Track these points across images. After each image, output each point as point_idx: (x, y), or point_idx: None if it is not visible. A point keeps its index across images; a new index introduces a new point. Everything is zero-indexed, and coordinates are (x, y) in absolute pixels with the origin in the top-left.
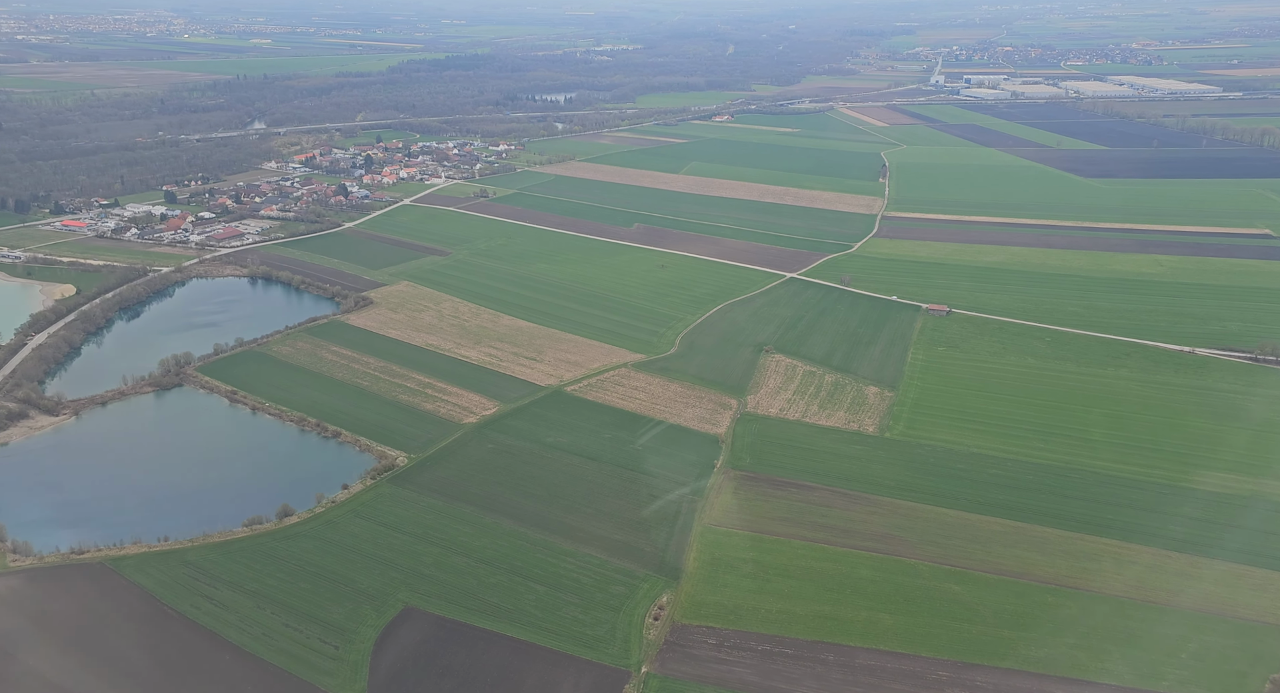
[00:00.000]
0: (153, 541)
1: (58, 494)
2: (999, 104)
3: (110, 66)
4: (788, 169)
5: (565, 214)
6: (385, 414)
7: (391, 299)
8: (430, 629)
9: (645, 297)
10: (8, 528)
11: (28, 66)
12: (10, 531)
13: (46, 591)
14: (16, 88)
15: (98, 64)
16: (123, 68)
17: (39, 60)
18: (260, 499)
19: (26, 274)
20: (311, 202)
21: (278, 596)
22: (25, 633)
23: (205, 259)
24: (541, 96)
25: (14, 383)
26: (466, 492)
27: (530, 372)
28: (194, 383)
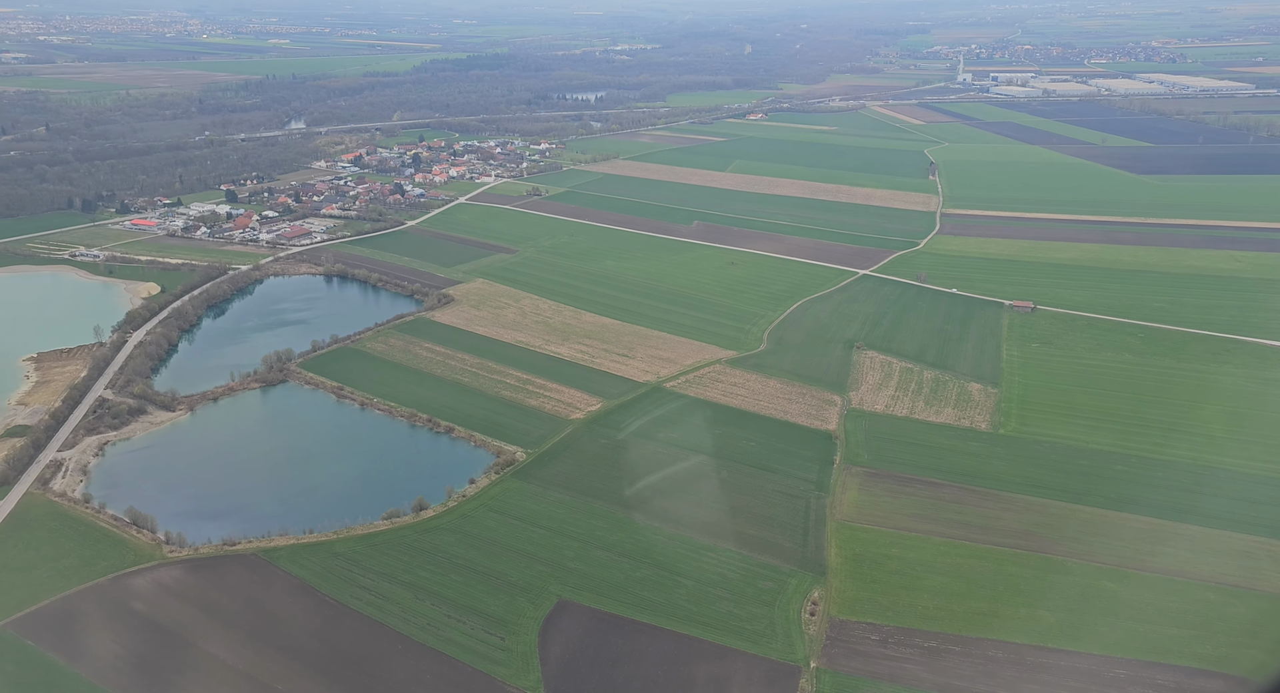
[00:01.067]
0: (299, 533)
1: (190, 487)
2: (1032, 102)
3: (137, 67)
4: (833, 167)
5: (621, 212)
6: (492, 410)
7: (471, 296)
8: (589, 622)
9: (721, 293)
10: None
11: (56, 67)
12: (157, 523)
13: (208, 581)
14: (51, 89)
15: (124, 65)
16: (150, 68)
17: (65, 61)
18: (389, 493)
19: (108, 273)
20: (369, 200)
21: (432, 587)
22: (200, 622)
23: (279, 257)
24: (572, 96)
25: (125, 379)
26: (591, 487)
27: (625, 368)
28: (297, 379)
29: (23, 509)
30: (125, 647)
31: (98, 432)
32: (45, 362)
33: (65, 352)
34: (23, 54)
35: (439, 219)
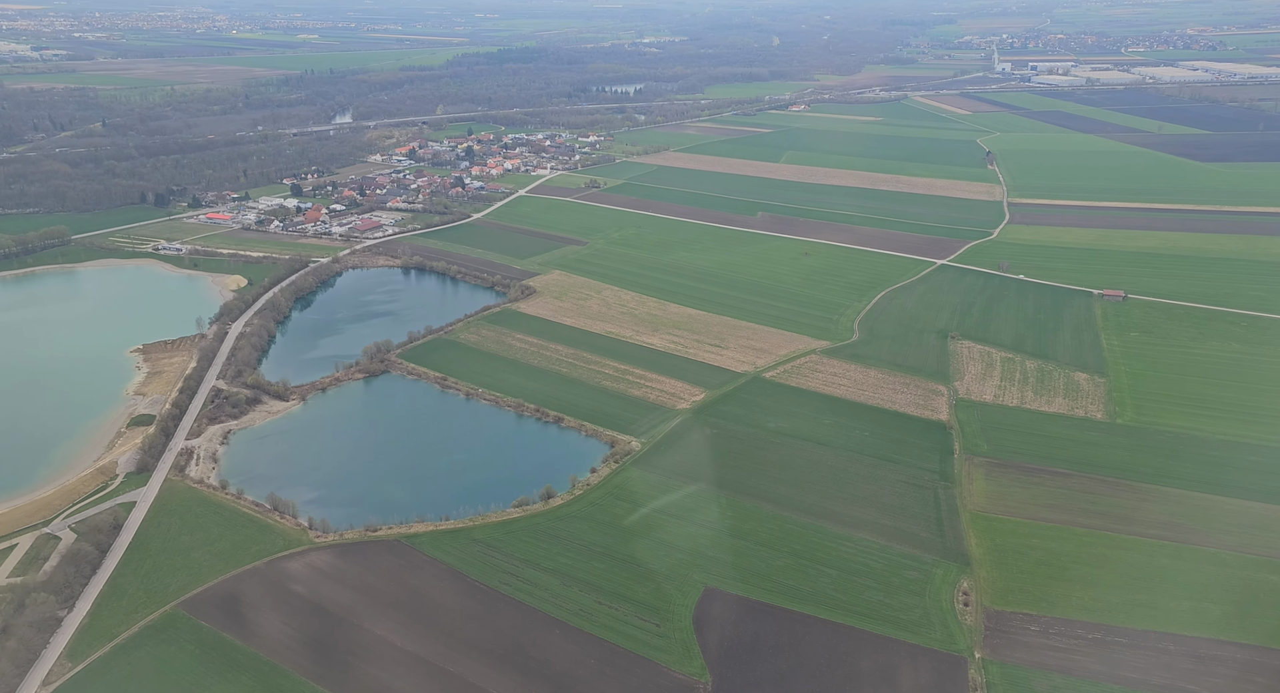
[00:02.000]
0: (435, 519)
1: (316, 475)
2: (1076, 91)
3: (175, 63)
4: (887, 157)
5: (682, 203)
6: (596, 400)
7: (552, 288)
8: (740, 610)
9: (800, 284)
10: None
11: (96, 63)
12: (297, 508)
13: (359, 565)
14: (98, 85)
15: (163, 61)
16: (189, 64)
17: (104, 57)
18: (510, 481)
19: (193, 266)
20: (431, 193)
21: (577, 574)
22: (360, 605)
23: (356, 250)
24: (610, 88)
25: (235, 370)
26: (713, 476)
27: (720, 358)
28: (398, 369)
29: (167, 495)
30: (295, 627)
31: (219, 421)
32: (152, 353)
33: (169, 343)
34: (62, 51)
35: (502, 212)
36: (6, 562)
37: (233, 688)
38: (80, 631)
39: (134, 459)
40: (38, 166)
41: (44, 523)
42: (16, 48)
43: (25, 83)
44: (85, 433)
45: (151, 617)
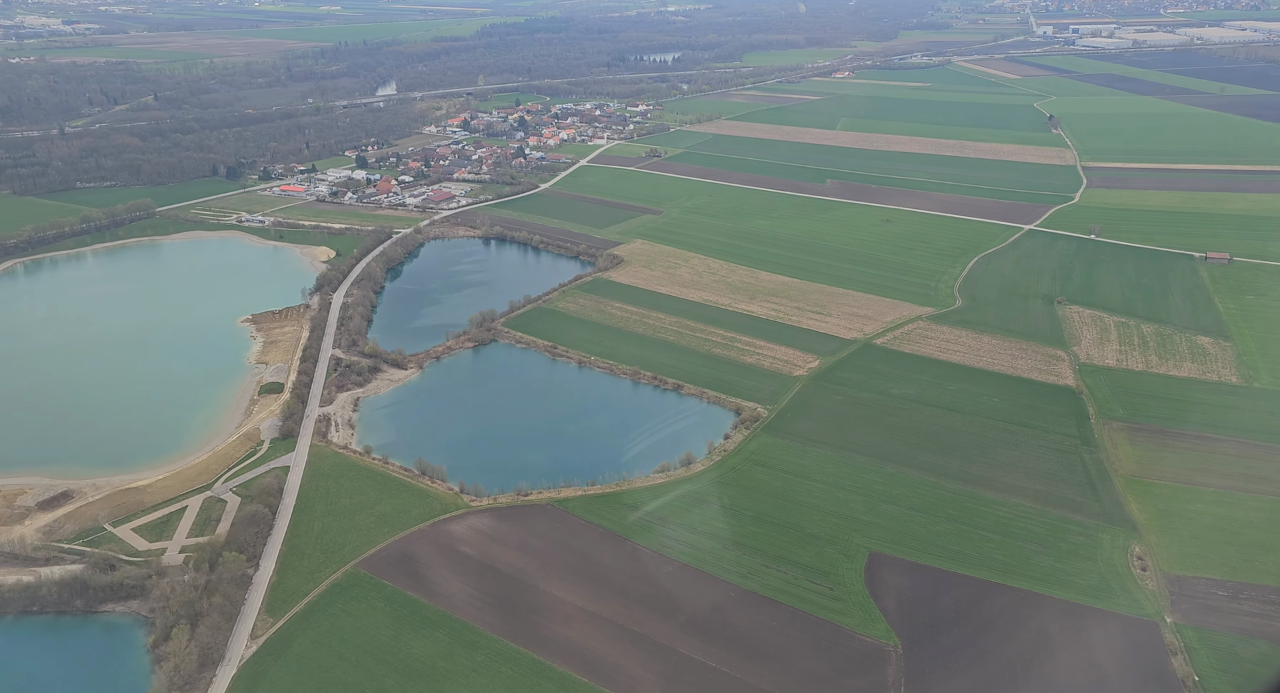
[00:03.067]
0: (581, 485)
1: (447, 439)
2: (1123, 53)
3: (207, 36)
4: (945, 123)
5: (746, 171)
6: (711, 367)
7: (638, 256)
8: (911, 575)
9: (888, 251)
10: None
11: (130, 38)
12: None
13: (519, 528)
14: (138, 59)
15: (194, 34)
16: (221, 38)
17: (137, 31)
18: (645, 448)
19: (278, 237)
20: (494, 164)
21: (736, 538)
22: (530, 566)
23: (434, 221)
24: (647, 57)
25: (349, 339)
26: (848, 442)
27: (825, 325)
28: (506, 338)
29: (316, 460)
30: (473, 587)
31: (346, 389)
32: (262, 323)
33: (276, 313)
34: (95, 25)
35: (568, 181)
36: (181, 523)
37: (429, 644)
38: (272, 588)
39: (275, 426)
40: (109, 140)
41: (206, 487)
42: (48, 22)
43: (67, 57)
44: (220, 400)
45: (335, 576)
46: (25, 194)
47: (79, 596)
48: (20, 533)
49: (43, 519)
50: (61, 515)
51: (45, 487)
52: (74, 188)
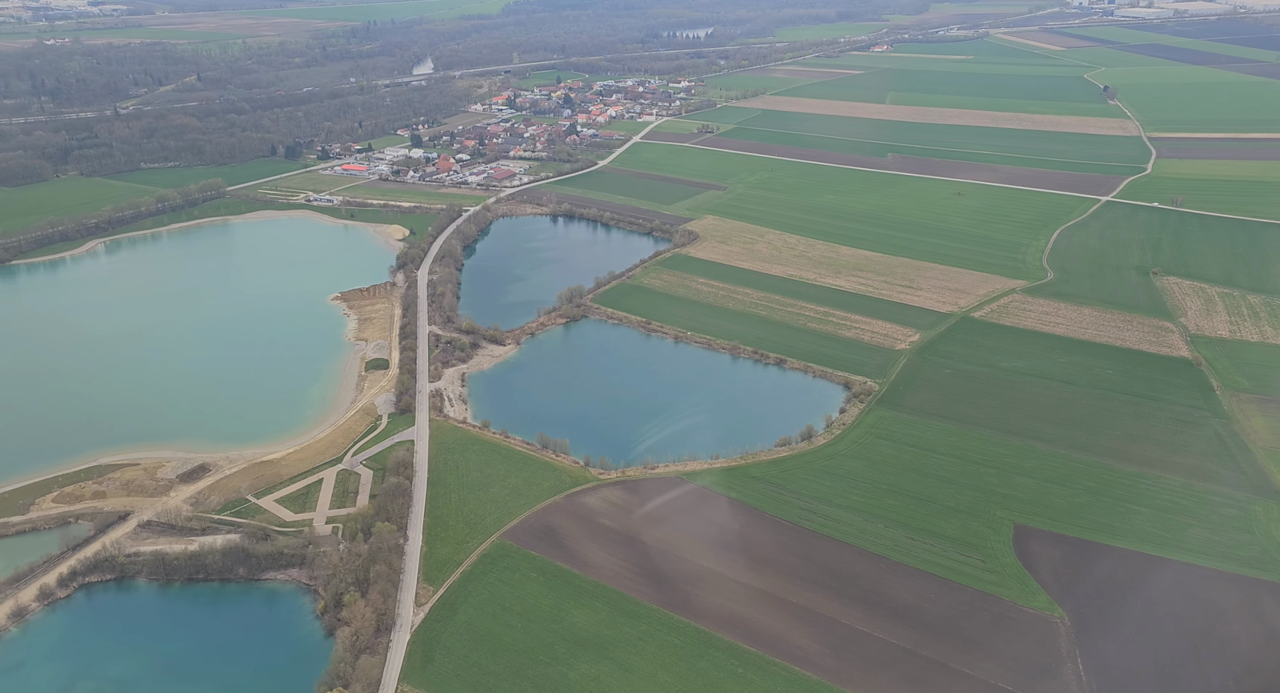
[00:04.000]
0: (706, 458)
1: (558, 414)
2: (1166, 23)
3: (233, 16)
4: (996, 95)
5: (802, 146)
6: (810, 342)
7: (713, 232)
8: (1063, 547)
9: (966, 224)
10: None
11: (158, 18)
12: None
13: (652, 500)
14: (172, 39)
15: (221, 14)
16: (246, 18)
17: (164, 12)
18: (760, 421)
19: (349, 216)
20: (547, 142)
21: (873, 510)
22: (673, 538)
23: (500, 198)
24: (680, 33)
25: (443, 316)
26: (967, 415)
27: (917, 299)
28: (596, 314)
29: (438, 434)
30: (622, 558)
31: (451, 364)
32: (352, 300)
33: (364, 291)
34: (123, 5)
35: (625, 158)
36: (320, 495)
37: (590, 613)
38: (424, 557)
39: (390, 401)
40: (167, 121)
41: (336, 460)
42: (74, 2)
43: (101, 38)
44: (329, 375)
45: (484, 547)
46: (92, 175)
47: (241, 564)
48: (170, 504)
49: (187, 491)
50: (205, 487)
51: (182, 460)
52: (139, 169)
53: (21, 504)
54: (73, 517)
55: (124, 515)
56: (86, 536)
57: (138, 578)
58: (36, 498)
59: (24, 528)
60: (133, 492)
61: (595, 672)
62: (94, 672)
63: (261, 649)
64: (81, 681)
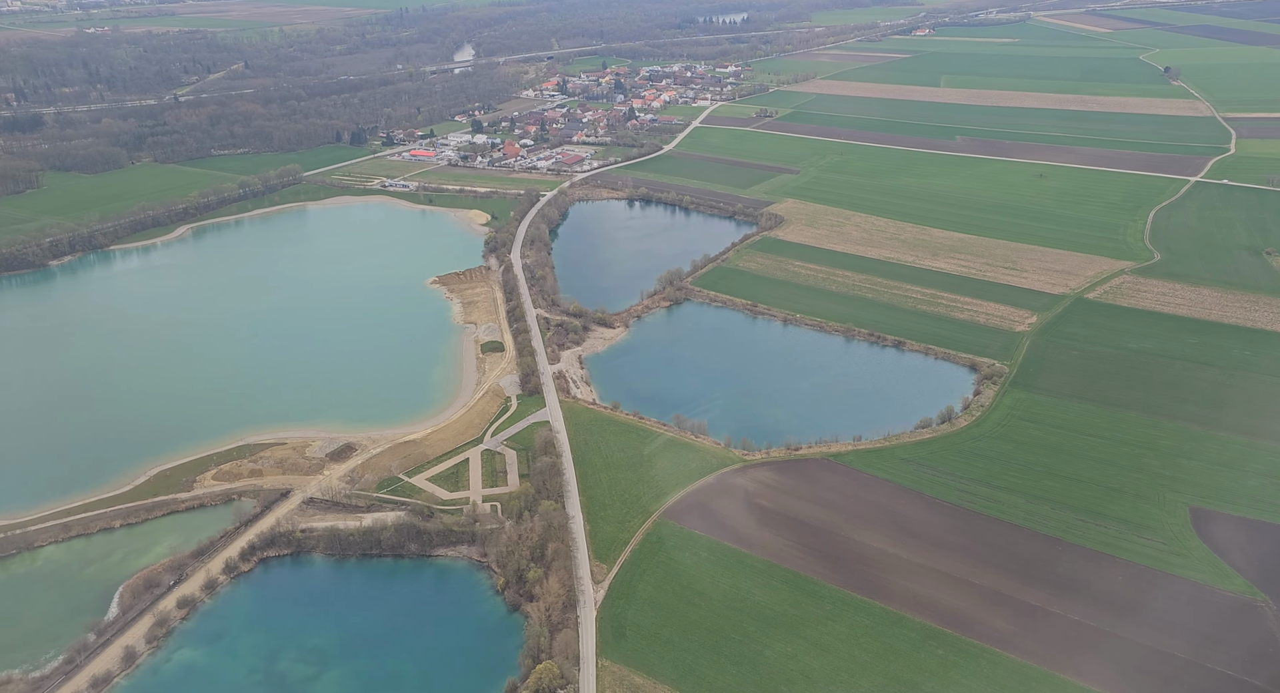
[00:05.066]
0: (847, 440)
1: (685, 395)
2: (1212, 4)
3: (264, 4)
4: (1054, 77)
5: (866, 129)
6: (924, 323)
7: (797, 215)
8: (1247, 529)
9: (1055, 205)
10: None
11: (189, 5)
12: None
13: (804, 481)
14: (206, 28)
15: (251, 2)
16: (277, 5)
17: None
18: (892, 403)
19: (428, 201)
20: (608, 127)
21: (1035, 491)
22: (837, 518)
23: (575, 183)
24: (716, 18)
25: (547, 300)
26: (1106, 396)
27: (1024, 280)
28: (698, 297)
29: (571, 415)
30: (789, 538)
31: (565, 347)
32: (450, 284)
33: (459, 275)
34: None
35: (689, 143)
36: (470, 474)
37: (770, 592)
38: (590, 536)
39: (515, 383)
40: (232, 108)
41: (476, 441)
42: None
43: (140, 26)
44: (447, 357)
45: (646, 525)
46: (166, 162)
47: (413, 540)
48: (328, 482)
49: (339, 469)
50: (357, 466)
51: (327, 440)
52: (209, 155)
53: (185, 481)
54: (235, 494)
55: (285, 493)
56: (254, 512)
57: (313, 553)
58: (195, 476)
59: (192, 504)
60: (287, 470)
61: (790, 650)
62: (293, 643)
63: (448, 624)
64: (284, 651)
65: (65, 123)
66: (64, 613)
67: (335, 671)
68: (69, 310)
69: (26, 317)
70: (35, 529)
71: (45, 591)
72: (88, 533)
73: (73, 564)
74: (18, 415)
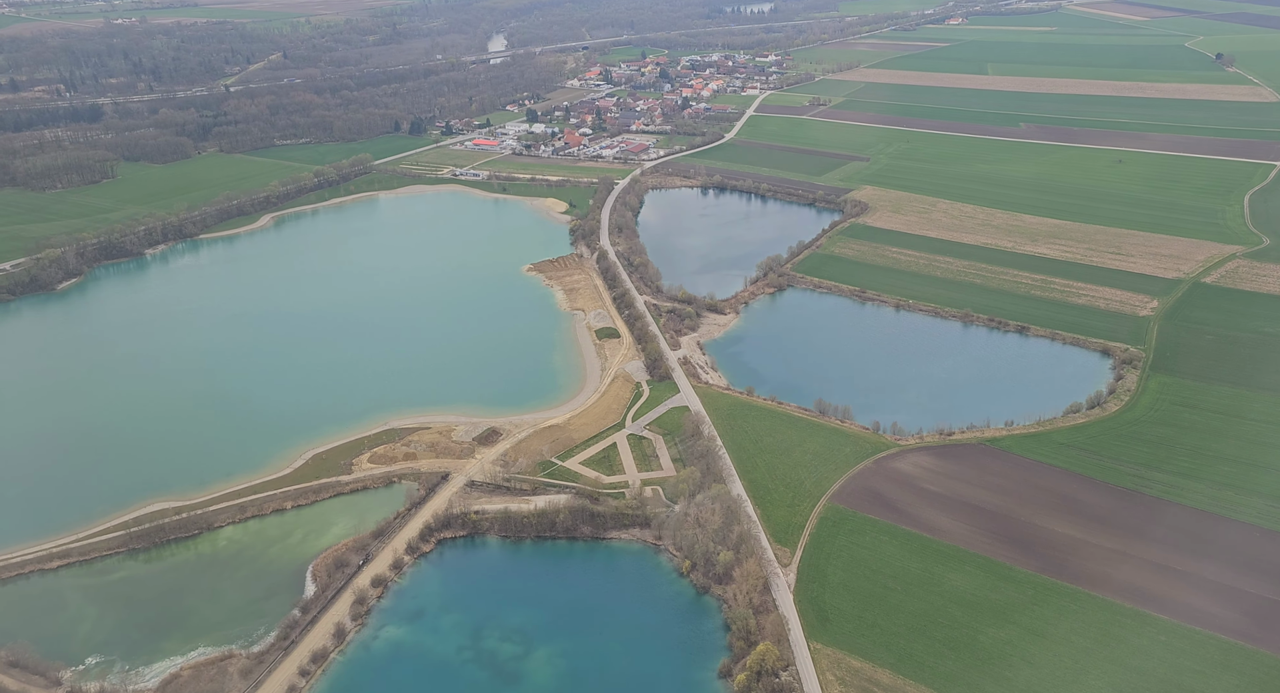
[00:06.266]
0: (999, 426)
1: (814, 379)
2: None
3: None
4: (1103, 64)
5: (924, 117)
6: (1043, 308)
7: (879, 202)
8: None
9: (1142, 190)
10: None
11: None
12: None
13: (965, 465)
14: (235, 19)
15: None
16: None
17: None
18: (1027, 387)
19: (502, 190)
20: (663, 116)
21: (1210, 477)
22: (1010, 503)
23: (646, 171)
24: (744, 8)
25: (651, 286)
26: (1261, 381)
27: (1133, 265)
28: (801, 283)
29: (708, 401)
30: (966, 522)
31: (683, 333)
32: (547, 271)
33: (553, 262)
34: None
35: (748, 131)
36: (621, 458)
37: (964, 577)
38: (765, 521)
39: (641, 368)
40: (289, 98)
41: (618, 426)
42: None
43: (168, 18)
44: (564, 344)
45: (817, 509)
46: (231, 151)
47: (586, 523)
48: (480, 465)
49: (489, 453)
50: (507, 449)
51: (469, 424)
52: (272, 145)
53: (343, 464)
54: (394, 476)
55: (444, 476)
56: (420, 495)
57: (487, 534)
58: (349, 459)
59: (356, 486)
60: (440, 453)
61: (1005, 636)
62: (493, 621)
63: (639, 605)
64: (486, 629)
65: (124, 113)
66: (261, 591)
67: (543, 649)
68: (184, 297)
69: (146, 303)
70: (213, 510)
71: (235, 569)
72: (261, 514)
73: (255, 544)
74: (173, 399)
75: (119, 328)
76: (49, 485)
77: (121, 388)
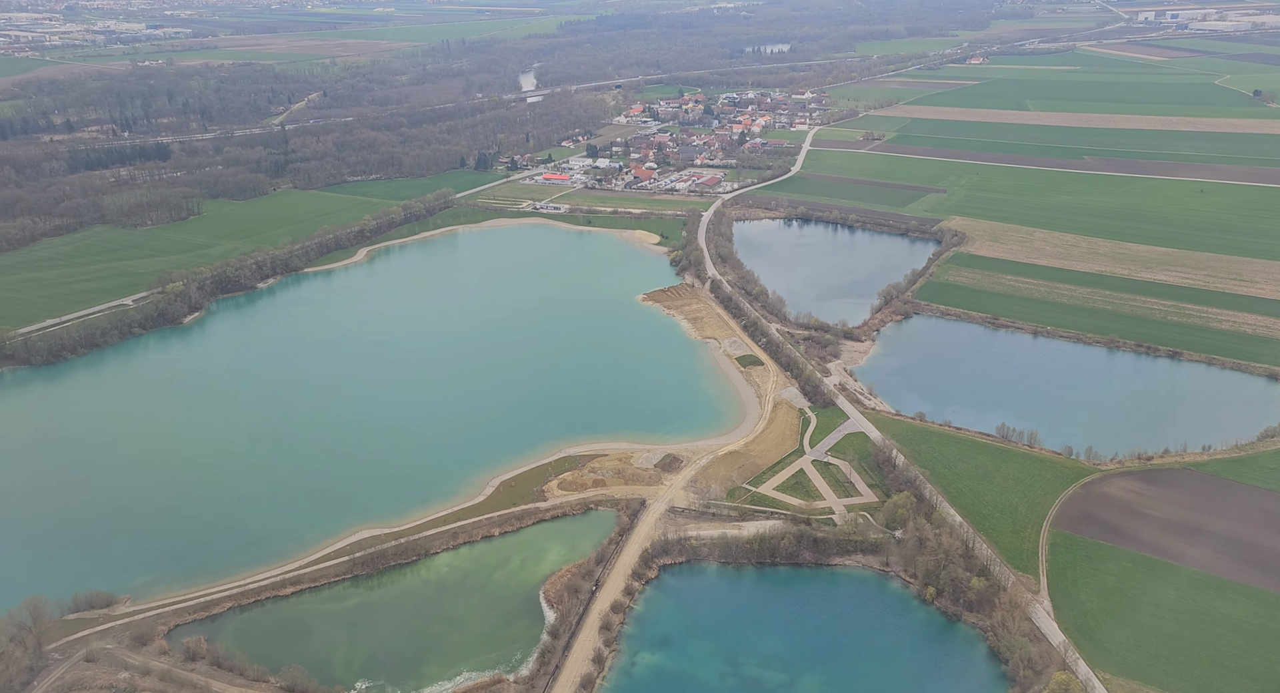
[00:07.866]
0: (1195, 450)
1: (969, 405)
2: (1249, 34)
3: (299, 38)
4: (1140, 101)
5: (986, 150)
6: (1187, 334)
7: (975, 232)
8: None
9: (1237, 219)
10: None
11: (223, 39)
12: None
13: (1182, 491)
14: (257, 61)
15: (279, 36)
16: (314, 39)
17: (225, 34)
18: (1203, 413)
19: (586, 223)
20: (723, 151)
21: None
22: (1251, 531)
23: (726, 203)
24: (763, 48)
25: (777, 316)
26: None
27: (1264, 292)
28: (927, 311)
29: (882, 427)
30: (1207, 548)
31: (826, 360)
32: (662, 301)
33: (665, 292)
34: (187, 29)
35: (811, 164)
36: (817, 484)
37: (1237, 607)
38: (993, 547)
39: (797, 394)
40: (354, 135)
41: (798, 452)
42: (132, 27)
43: (196, 60)
44: (707, 372)
45: (1044, 536)
46: (306, 188)
47: (808, 549)
48: (672, 491)
49: (677, 479)
50: (695, 475)
51: (647, 451)
52: (344, 182)
53: (535, 491)
54: (590, 503)
55: (642, 502)
56: (626, 522)
57: (706, 561)
58: (538, 486)
59: (556, 513)
60: (628, 480)
61: None
62: (746, 648)
63: (889, 633)
64: (741, 656)
65: (190, 151)
66: (501, 616)
67: (809, 677)
68: (311, 329)
69: (284, 333)
70: (427, 536)
71: (466, 594)
72: (472, 540)
73: (477, 570)
74: (349, 428)
75: (263, 360)
76: (261, 512)
77: (292, 415)
